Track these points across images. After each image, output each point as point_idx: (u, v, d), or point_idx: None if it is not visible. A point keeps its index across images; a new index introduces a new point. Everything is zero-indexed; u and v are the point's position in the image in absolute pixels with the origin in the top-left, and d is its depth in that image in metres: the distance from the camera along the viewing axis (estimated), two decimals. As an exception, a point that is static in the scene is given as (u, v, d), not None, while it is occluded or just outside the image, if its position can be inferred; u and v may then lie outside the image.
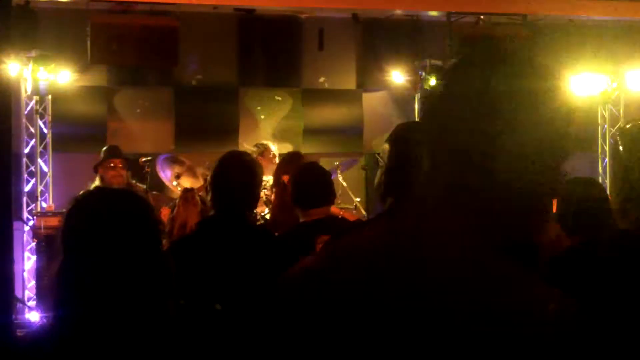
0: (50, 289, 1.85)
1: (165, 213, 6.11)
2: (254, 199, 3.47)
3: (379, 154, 2.37)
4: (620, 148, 2.11)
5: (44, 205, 8.49)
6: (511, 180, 1.19)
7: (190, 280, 3.10)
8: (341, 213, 6.11)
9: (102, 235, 1.87)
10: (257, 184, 3.44)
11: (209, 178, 3.43)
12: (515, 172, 1.19)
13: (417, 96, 9.54)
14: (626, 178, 2.12)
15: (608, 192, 3.52)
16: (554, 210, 3.56)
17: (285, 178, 5.48)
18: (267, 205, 6.95)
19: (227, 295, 3.09)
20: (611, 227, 3.44)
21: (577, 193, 3.43)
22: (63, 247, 1.90)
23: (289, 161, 6.02)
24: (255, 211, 6.80)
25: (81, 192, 6.29)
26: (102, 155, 7.08)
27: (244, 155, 3.62)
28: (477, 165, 1.20)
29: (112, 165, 6.90)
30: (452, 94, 1.24)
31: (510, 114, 1.19)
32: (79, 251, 1.88)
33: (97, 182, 7.02)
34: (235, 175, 3.33)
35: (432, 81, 8.74)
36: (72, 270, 1.87)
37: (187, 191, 5.21)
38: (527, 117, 1.20)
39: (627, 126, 2.24)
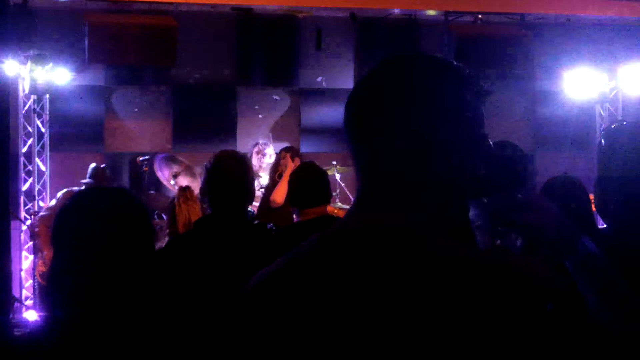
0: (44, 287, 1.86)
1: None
2: (250, 195, 3.48)
3: None
4: (604, 148, 2.11)
5: (42, 204, 8.49)
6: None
7: (188, 277, 3.11)
8: (335, 211, 6.12)
9: (91, 234, 1.87)
10: (251, 179, 3.47)
11: (203, 178, 3.44)
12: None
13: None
14: (608, 178, 2.13)
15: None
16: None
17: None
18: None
19: (225, 292, 3.10)
20: (591, 228, 3.45)
21: (557, 191, 3.45)
22: (54, 245, 1.90)
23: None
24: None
25: (68, 190, 6.31)
26: (90, 172, 7.35)
27: (235, 153, 3.66)
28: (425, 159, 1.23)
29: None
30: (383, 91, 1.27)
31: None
32: (69, 250, 1.88)
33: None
34: (231, 173, 3.35)
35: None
36: (62, 268, 1.87)
37: (184, 189, 5.20)
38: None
39: (612, 126, 2.24)
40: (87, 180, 7.34)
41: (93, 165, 7.51)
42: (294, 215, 4.16)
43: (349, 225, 1.27)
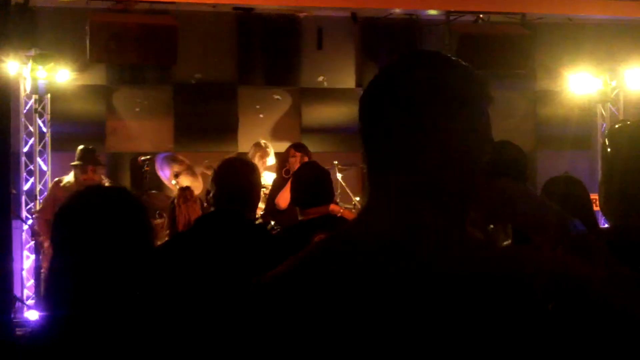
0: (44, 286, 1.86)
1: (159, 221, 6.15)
2: (255, 199, 3.50)
3: None
4: (608, 148, 2.12)
5: (43, 204, 8.50)
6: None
7: (187, 274, 3.13)
8: (341, 211, 6.11)
9: (90, 234, 1.87)
10: (257, 184, 3.49)
11: (211, 178, 3.48)
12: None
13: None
14: (611, 178, 2.13)
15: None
16: None
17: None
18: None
19: (220, 290, 3.11)
20: (593, 227, 3.46)
21: (558, 191, 3.45)
22: (53, 245, 1.90)
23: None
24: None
25: (56, 180, 6.42)
26: (78, 154, 7.40)
27: (245, 158, 3.72)
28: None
29: (89, 171, 7.30)
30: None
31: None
32: (66, 249, 1.88)
33: (71, 178, 7.38)
34: (238, 174, 3.39)
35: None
36: (62, 268, 1.87)
37: (184, 190, 5.20)
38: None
39: (616, 126, 2.25)
40: (75, 162, 7.37)
41: (81, 147, 7.50)
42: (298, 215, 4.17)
43: (369, 224, 1.27)
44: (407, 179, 1.24)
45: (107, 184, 7.12)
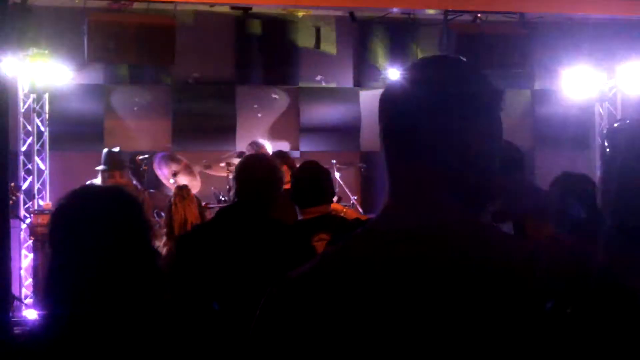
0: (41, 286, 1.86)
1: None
2: (274, 195, 3.51)
3: None
4: (607, 147, 2.13)
5: (41, 203, 8.49)
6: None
7: (201, 267, 3.15)
8: (344, 210, 6.09)
9: (86, 233, 1.87)
10: (277, 180, 3.49)
11: (233, 173, 3.51)
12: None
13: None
14: (609, 177, 2.14)
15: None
16: None
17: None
18: None
19: (237, 283, 3.12)
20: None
21: (571, 188, 3.44)
22: (50, 245, 1.90)
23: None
24: None
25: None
26: (104, 158, 7.24)
27: (268, 156, 3.74)
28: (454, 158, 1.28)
29: (117, 176, 7.13)
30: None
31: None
32: (64, 249, 1.88)
33: (99, 182, 7.23)
34: (257, 171, 3.41)
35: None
36: (58, 267, 1.87)
37: (181, 188, 5.20)
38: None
39: (615, 125, 2.26)
40: (101, 167, 7.29)
41: (106, 150, 7.45)
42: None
43: (394, 218, 1.29)
44: (429, 176, 1.28)
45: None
